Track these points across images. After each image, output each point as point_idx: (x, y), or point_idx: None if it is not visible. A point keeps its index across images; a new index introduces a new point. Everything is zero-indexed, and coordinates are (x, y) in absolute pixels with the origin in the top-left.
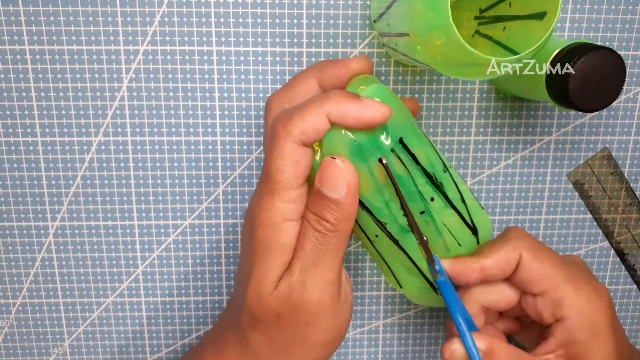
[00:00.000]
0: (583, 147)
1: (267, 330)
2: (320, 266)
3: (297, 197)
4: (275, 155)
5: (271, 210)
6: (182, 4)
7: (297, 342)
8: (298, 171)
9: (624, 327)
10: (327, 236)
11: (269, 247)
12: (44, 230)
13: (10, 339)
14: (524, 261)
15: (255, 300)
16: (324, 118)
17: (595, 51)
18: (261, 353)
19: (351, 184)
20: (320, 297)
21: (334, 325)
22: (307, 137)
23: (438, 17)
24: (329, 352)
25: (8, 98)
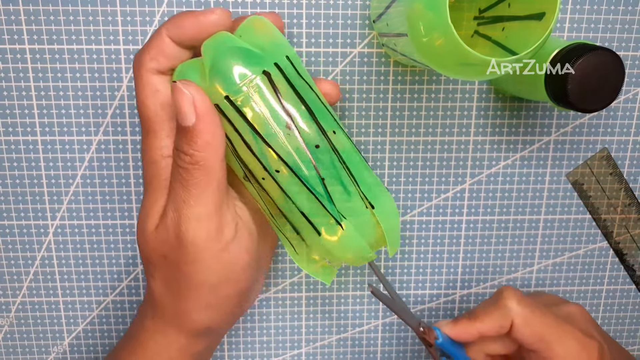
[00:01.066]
0: (582, 147)
1: (160, 273)
2: (188, 202)
3: (172, 132)
4: (137, 91)
5: (150, 148)
6: (182, 4)
7: (184, 284)
8: (162, 101)
9: (623, 328)
10: (189, 170)
11: (151, 184)
12: (43, 229)
13: (10, 338)
14: (516, 327)
15: (141, 240)
16: (167, 39)
17: (595, 52)
18: (163, 300)
19: (200, 108)
20: (194, 234)
21: (217, 264)
22: (159, 64)
23: (437, 17)
24: (225, 296)
25: (8, 97)
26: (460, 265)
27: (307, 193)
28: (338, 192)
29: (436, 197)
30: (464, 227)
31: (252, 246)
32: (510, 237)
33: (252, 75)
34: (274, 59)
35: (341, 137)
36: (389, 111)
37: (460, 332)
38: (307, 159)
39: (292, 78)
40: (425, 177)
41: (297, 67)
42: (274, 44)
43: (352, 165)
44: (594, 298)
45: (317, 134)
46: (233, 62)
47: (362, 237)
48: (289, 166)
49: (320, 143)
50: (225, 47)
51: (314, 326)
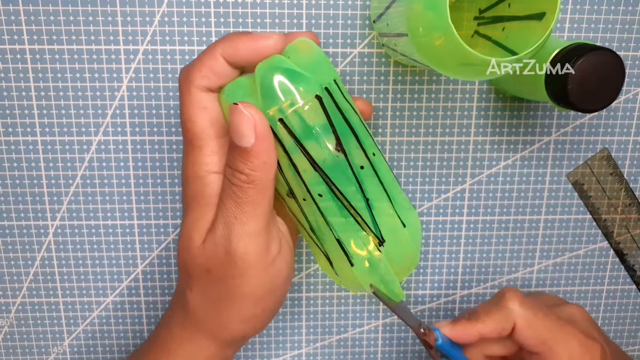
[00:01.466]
0: (582, 147)
1: (200, 286)
2: (240, 219)
3: (219, 148)
4: (184, 106)
5: (195, 164)
6: (182, 4)
7: (228, 296)
8: (211, 118)
9: (624, 328)
10: (244, 188)
11: (196, 200)
12: (43, 230)
13: (10, 338)
14: (518, 329)
15: (185, 256)
16: (220, 58)
17: (595, 52)
18: (199, 311)
19: (259, 129)
20: (244, 250)
21: (264, 277)
22: (209, 81)
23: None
24: (266, 308)
25: (8, 97)
26: (460, 266)
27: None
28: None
29: (436, 197)
30: (464, 227)
31: (291, 259)
32: (511, 238)
33: (306, 98)
34: (324, 83)
35: (379, 158)
36: (389, 111)
37: (460, 334)
38: (354, 181)
39: (340, 101)
40: (426, 177)
41: (342, 90)
42: (323, 67)
43: (387, 186)
44: (594, 298)
45: (362, 155)
46: (287, 85)
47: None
48: (336, 187)
49: (365, 164)
50: (281, 70)
51: (314, 326)
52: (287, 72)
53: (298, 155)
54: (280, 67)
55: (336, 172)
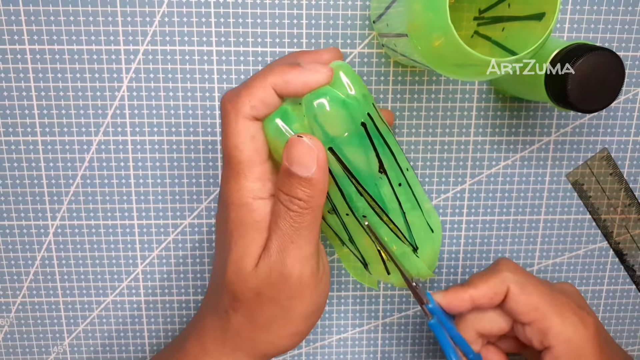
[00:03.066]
0: (582, 147)
1: (247, 309)
2: (297, 243)
3: (262, 175)
4: (231, 134)
5: (240, 190)
6: (182, 4)
7: (279, 318)
8: (257, 146)
9: (623, 328)
10: (302, 214)
11: (244, 226)
12: (44, 230)
13: (10, 338)
14: (512, 293)
15: (234, 279)
16: (271, 90)
17: (594, 52)
18: (242, 332)
19: (320, 160)
20: (300, 273)
21: (315, 297)
22: (257, 111)
23: (437, 17)
24: (312, 324)
25: (8, 97)
26: (460, 266)
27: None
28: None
29: (436, 197)
30: (464, 227)
31: (329, 274)
32: (511, 237)
33: (353, 126)
34: (366, 109)
35: (411, 171)
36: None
37: (452, 300)
38: (394, 199)
39: (379, 124)
40: (426, 177)
41: (378, 112)
42: (363, 93)
43: (418, 196)
44: (594, 298)
45: (399, 173)
46: (335, 115)
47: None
48: (379, 206)
49: (402, 181)
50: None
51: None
52: (334, 102)
53: (345, 180)
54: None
55: (379, 194)
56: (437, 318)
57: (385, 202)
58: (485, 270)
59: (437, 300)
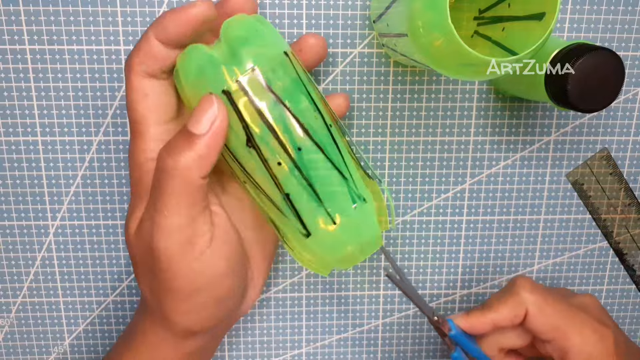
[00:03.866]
0: (582, 147)
1: (141, 276)
2: (162, 212)
3: (159, 136)
4: (127, 94)
5: (136, 151)
6: (182, 4)
7: (161, 289)
8: (150, 104)
9: (623, 327)
10: (169, 177)
11: (135, 188)
12: (44, 230)
13: (10, 338)
14: (530, 315)
15: (127, 242)
16: (154, 41)
17: (594, 52)
18: (149, 301)
19: (216, 125)
20: (165, 245)
21: (192, 272)
22: (147, 66)
23: (437, 17)
24: (204, 303)
25: (8, 98)
26: (460, 266)
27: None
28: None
29: (436, 197)
30: (464, 227)
31: (231, 253)
32: (511, 237)
33: (278, 54)
34: (284, 48)
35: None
36: (389, 111)
37: (474, 324)
38: (329, 137)
39: (301, 64)
40: (426, 177)
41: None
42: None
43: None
44: None
45: (329, 116)
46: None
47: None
48: (315, 143)
49: (332, 123)
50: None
51: (314, 326)
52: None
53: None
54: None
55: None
56: (459, 349)
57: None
58: (503, 292)
59: (458, 324)
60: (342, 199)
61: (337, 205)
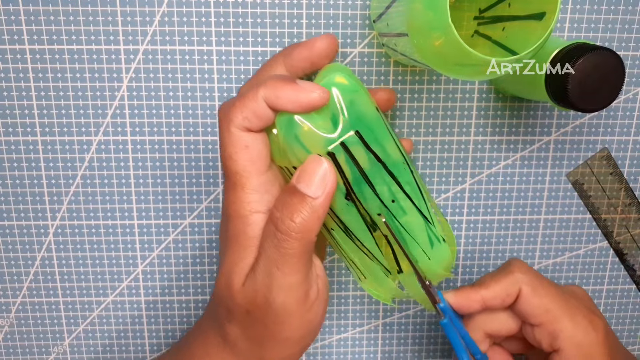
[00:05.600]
0: (582, 147)
1: (240, 323)
2: (283, 270)
3: (260, 187)
4: (225, 144)
5: (236, 202)
6: (182, 3)
7: (268, 338)
8: (252, 157)
9: (623, 327)
10: (290, 238)
11: (237, 239)
12: (43, 230)
13: (10, 338)
14: (523, 295)
15: (224, 294)
16: (263, 103)
17: (595, 51)
18: (239, 343)
19: (329, 187)
20: (284, 301)
21: (304, 323)
22: (250, 122)
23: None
24: (305, 345)
25: (8, 97)
26: (460, 265)
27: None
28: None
29: (436, 196)
30: (464, 227)
31: (327, 297)
32: (511, 237)
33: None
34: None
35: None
36: (389, 111)
37: (463, 300)
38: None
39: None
40: (426, 177)
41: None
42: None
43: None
44: (594, 298)
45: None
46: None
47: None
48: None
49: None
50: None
51: None
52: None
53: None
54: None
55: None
56: (449, 317)
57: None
58: (497, 271)
59: (448, 299)
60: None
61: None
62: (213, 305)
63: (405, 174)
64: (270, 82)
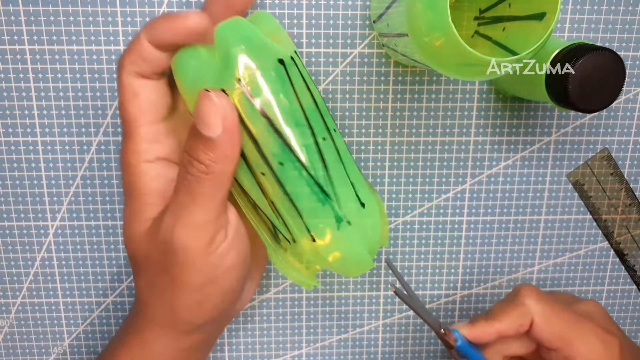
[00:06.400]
0: (583, 147)
1: (145, 274)
2: (190, 209)
3: (149, 136)
4: (118, 94)
5: (126, 153)
6: (182, 4)
7: (169, 285)
8: (141, 104)
9: (624, 328)
10: (201, 179)
11: (129, 190)
12: (43, 230)
13: (10, 339)
14: (536, 325)
15: (127, 244)
16: (145, 43)
17: (595, 52)
18: (147, 298)
19: (228, 121)
20: (185, 240)
21: (205, 266)
22: (138, 66)
23: (437, 17)
24: (210, 294)
25: (8, 98)
26: (460, 266)
27: (309, 189)
28: (342, 192)
29: (437, 197)
30: (464, 228)
31: (240, 246)
32: (511, 238)
33: (270, 64)
34: (287, 52)
35: (339, 136)
36: (389, 112)
37: (479, 334)
38: (316, 154)
39: (302, 72)
40: (426, 178)
41: (303, 65)
42: (283, 38)
43: (347, 165)
44: (594, 298)
45: (324, 128)
46: (251, 48)
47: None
48: (298, 159)
49: (326, 137)
50: (241, 35)
51: (314, 327)
52: (248, 38)
53: (260, 125)
54: (240, 31)
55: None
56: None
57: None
58: (507, 300)
59: (463, 333)
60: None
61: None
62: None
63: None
64: (149, 22)
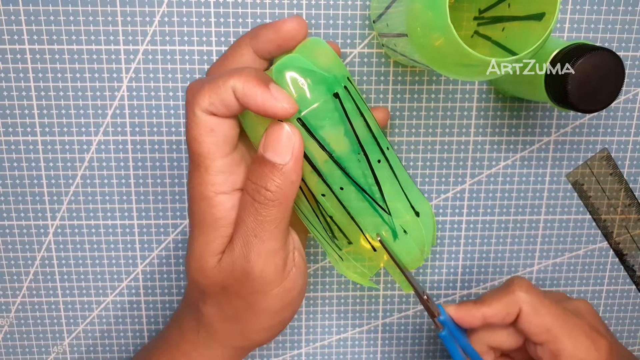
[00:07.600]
0: (582, 147)
1: (215, 301)
2: (261, 237)
3: (225, 168)
4: (190, 126)
5: (201, 184)
6: (182, 3)
7: (245, 311)
8: (217, 139)
9: (623, 328)
10: (268, 206)
11: (204, 221)
12: (43, 229)
13: (10, 338)
14: (524, 314)
15: (198, 275)
16: (231, 93)
17: (595, 52)
18: (214, 323)
19: (296, 150)
20: (263, 268)
21: (281, 292)
22: (216, 109)
23: (437, 17)
24: (283, 318)
25: (8, 97)
26: (460, 266)
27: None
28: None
29: (436, 197)
30: (464, 228)
31: (305, 268)
32: (510, 238)
33: (325, 96)
34: (341, 81)
35: (392, 153)
36: (389, 111)
37: (464, 315)
38: (371, 177)
39: (356, 98)
40: (426, 178)
41: (356, 88)
42: (336, 65)
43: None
44: (594, 298)
45: (378, 150)
46: (307, 84)
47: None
48: (356, 183)
49: (381, 159)
50: (299, 69)
51: (313, 326)
52: (305, 71)
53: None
54: (297, 66)
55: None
56: (448, 330)
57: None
58: (499, 289)
59: (448, 312)
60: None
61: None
62: (188, 290)
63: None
64: (244, 76)
